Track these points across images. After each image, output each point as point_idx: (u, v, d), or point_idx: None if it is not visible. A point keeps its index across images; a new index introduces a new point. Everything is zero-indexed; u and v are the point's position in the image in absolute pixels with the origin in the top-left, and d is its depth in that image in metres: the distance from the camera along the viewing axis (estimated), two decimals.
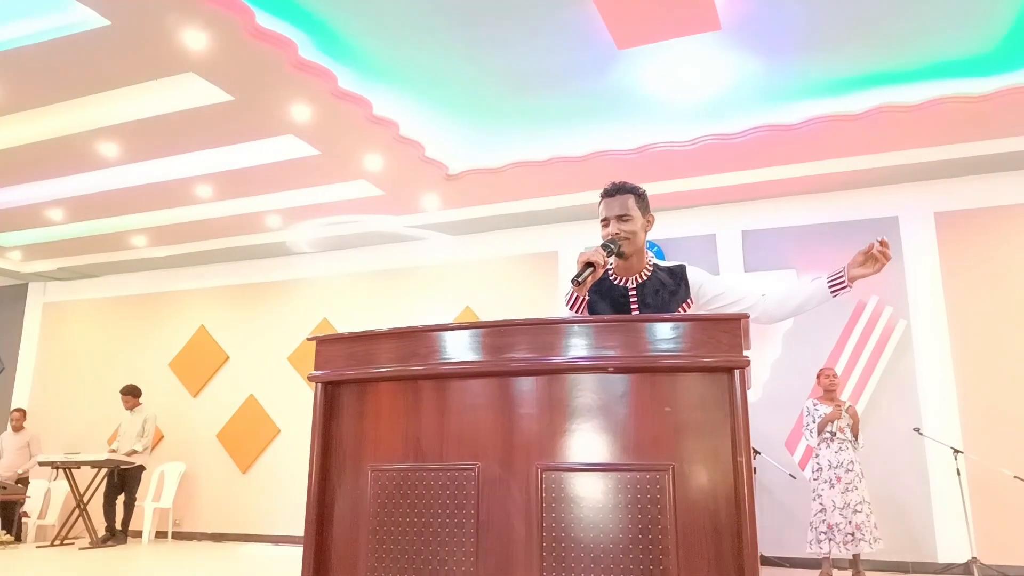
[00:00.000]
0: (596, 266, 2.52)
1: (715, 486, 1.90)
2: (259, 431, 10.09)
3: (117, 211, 9.12)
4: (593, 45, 5.80)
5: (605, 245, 2.68)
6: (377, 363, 2.20)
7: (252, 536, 9.77)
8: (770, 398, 7.89)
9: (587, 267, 2.50)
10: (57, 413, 11.21)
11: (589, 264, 2.51)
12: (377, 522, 2.11)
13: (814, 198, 8.18)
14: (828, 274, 2.77)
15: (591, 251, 2.56)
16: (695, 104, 6.70)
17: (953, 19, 5.50)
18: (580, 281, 2.48)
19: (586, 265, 2.51)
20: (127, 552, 8.56)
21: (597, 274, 2.53)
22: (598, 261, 2.52)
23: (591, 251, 2.56)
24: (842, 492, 6.58)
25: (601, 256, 2.55)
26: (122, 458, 9.28)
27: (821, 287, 2.76)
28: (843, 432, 6.76)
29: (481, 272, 9.53)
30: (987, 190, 7.65)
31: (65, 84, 6.21)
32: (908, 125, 6.82)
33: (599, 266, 2.53)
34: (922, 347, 7.59)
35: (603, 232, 2.80)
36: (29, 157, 7.52)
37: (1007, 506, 7.01)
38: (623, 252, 2.76)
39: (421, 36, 5.73)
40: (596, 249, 2.60)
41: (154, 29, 5.40)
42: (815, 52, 5.95)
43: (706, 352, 1.96)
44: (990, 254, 7.55)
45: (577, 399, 2.04)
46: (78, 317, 11.63)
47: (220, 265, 10.87)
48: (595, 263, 2.51)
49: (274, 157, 7.58)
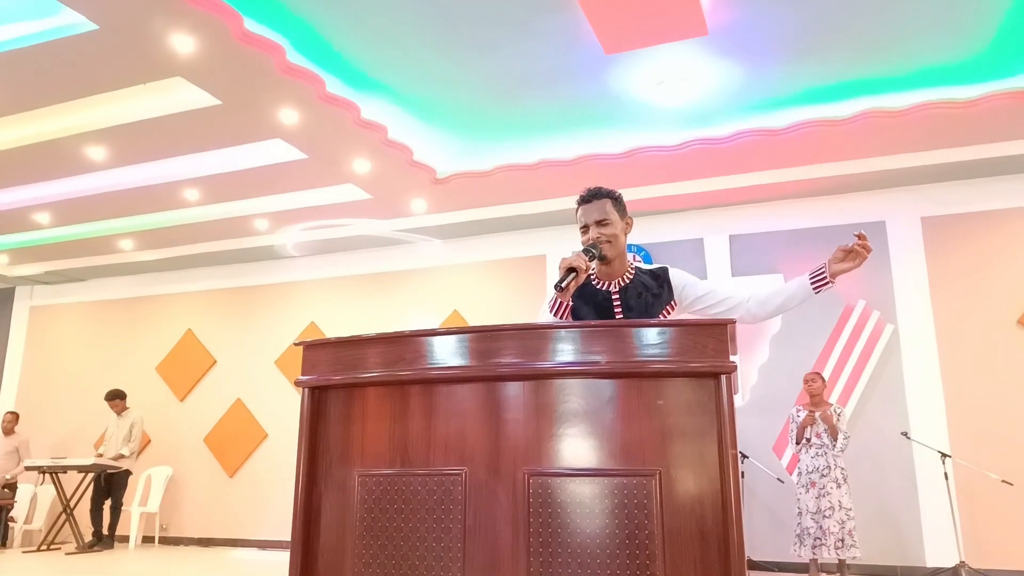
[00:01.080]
0: (579, 271, 2.52)
1: (702, 491, 1.91)
2: (246, 435, 10.05)
3: (104, 215, 9.08)
4: (581, 50, 5.81)
5: (587, 250, 2.68)
6: (364, 368, 2.20)
7: (239, 541, 9.73)
8: (758, 402, 7.92)
9: (569, 272, 2.51)
10: (44, 417, 11.13)
11: (572, 269, 2.51)
12: (364, 527, 2.11)
13: (801, 202, 8.22)
14: (810, 271, 2.77)
15: (573, 256, 2.56)
16: (682, 109, 6.72)
17: (939, 25, 5.54)
18: (563, 287, 2.48)
19: (568, 271, 2.51)
20: (114, 557, 8.51)
21: (580, 279, 2.54)
22: (580, 266, 2.53)
23: (573, 256, 2.56)
24: (816, 497, 6.63)
25: (583, 261, 2.56)
26: (109, 462, 9.23)
27: (803, 284, 2.76)
28: (820, 437, 6.80)
29: (469, 276, 9.53)
30: (973, 195, 7.70)
31: (53, 88, 6.18)
32: (894, 130, 6.86)
33: (581, 271, 2.53)
34: (909, 351, 7.63)
35: (583, 238, 2.81)
36: (16, 161, 7.47)
37: (995, 510, 7.05)
38: (605, 256, 2.76)
39: (409, 41, 5.73)
40: (578, 254, 2.60)
41: (142, 33, 5.38)
42: (802, 57, 5.98)
43: (693, 357, 1.96)
44: (977, 258, 7.60)
45: (564, 404, 2.04)
46: (65, 321, 11.56)
47: (207, 269, 10.83)
48: (577, 268, 2.52)
49: (262, 161, 7.56)
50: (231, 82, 6.06)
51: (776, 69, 6.15)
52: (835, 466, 6.68)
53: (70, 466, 9.13)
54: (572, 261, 2.53)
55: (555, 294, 2.56)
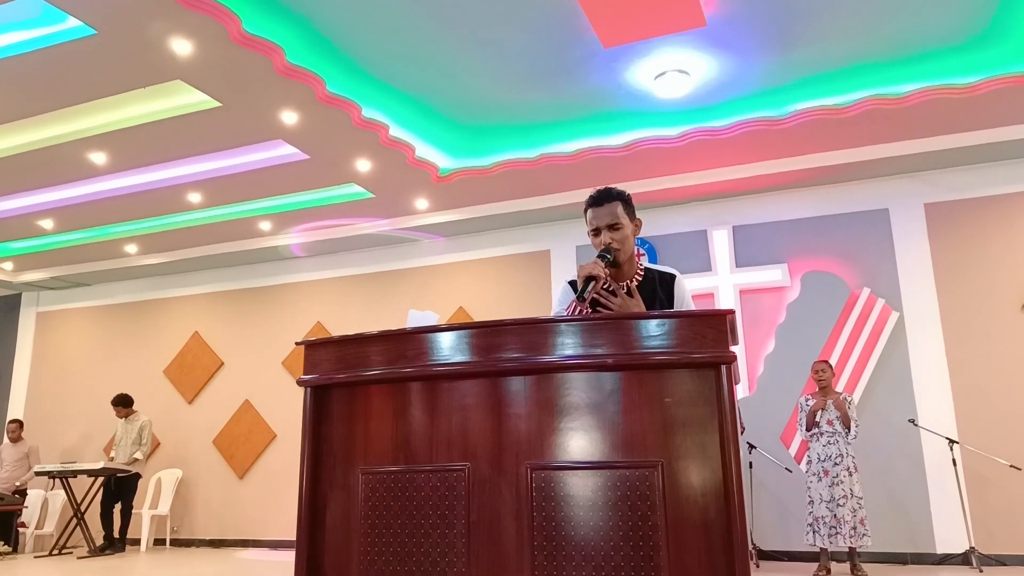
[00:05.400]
0: (598, 279, 2.57)
1: (704, 481, 1.92)
2: (255, 436, 10.08)
3: (108, 219, 9.12)
4: (579, 44, 5.81)
5: (602, 255, 2.71)
6: (366, 366, 2.21)
7: (250, 541, 9.77)
8: (765, 392, 7.92)
9: (589, 281, 2.55)
10: (52, 422, 11.18)
11: (591, 278, 2.55)
12: (369, 524, 2.12)
13: (804, 192, 8.21)
14: None
15: (590, 264, 2.60)
16: (682, 100, 6.71)
17: (937, 7, 5.52)
18: (585, 297, 2.53)
19: (588, 279, 2.55)
20: (125, 560, 8.55)
21: (599, 286, 2.59)
22: (599, 274, 2.57)
23: (590, 264, 2.60)
24: (829, 486, 6.61)
25: (601, 268, 2.60)
26: (119, 466, 9.26)
27: None
28: (831, 425, 6.77)
29: (474, 273, 9.54)
30: (976, 180, 7.68)
31: (54, 94, 6.21)
32: (895, 117, 6.84)
33: (600, 279, 2.58)
34: (915, 338, 7.61)
35: (593, 241, 2.82)
36: (19, 167, 7.51)
37: (1004, 495, 7.03)
38: (618, 262, 2.79)
39: (407, 39, 5.73)
40: (595, 262, 2.64)
41: (141, 38, 5.40)
42: (800, 46, 5.96)
43: (693, 348, 1.97)
44: (980, 244, 7.57)
45: (566, 398, 2.05)
46: (72, 326, 11.61)
47: (212, 271, 10.86)
48: (596, 276, 2.56)
49: (264, 162, 7.58)
50: (231, 84, 6.07)
51: (775, 58, 6.13)
52: (847, 454, 6.66)
53: (80, 471, 9.16)
54: (591, 269, 2.57)
55: (574, 303, 2.59)
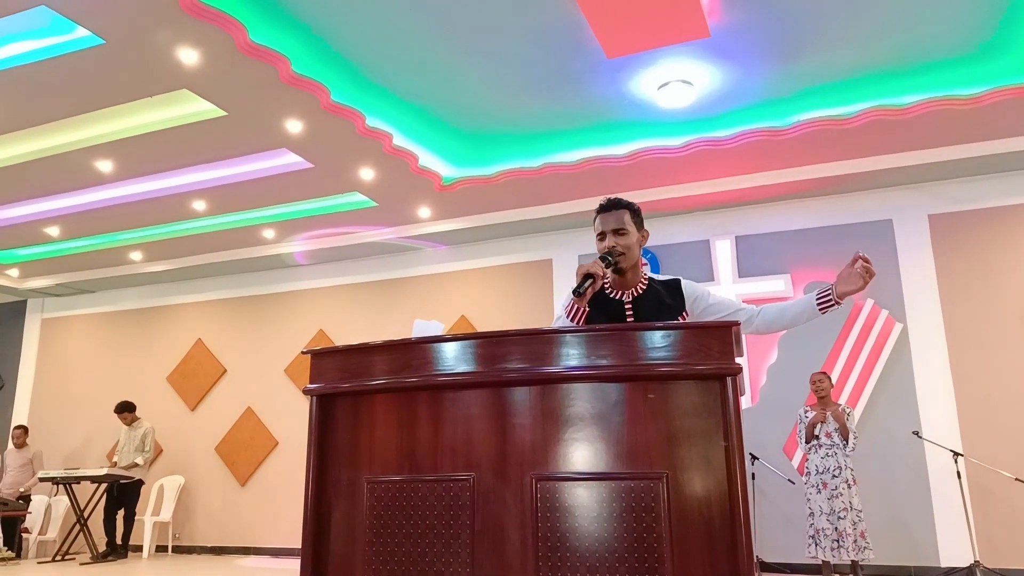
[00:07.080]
0: (596, 277, 2.58)
1: (709, 493, 1.91)
2: (257, 444, 10.08)
3: (114, 227, 9.14)
4: (583, 54, 5.82)
5: (603, 257, 2.73)
6: (371, 375, 2.22)
7: (252, 549, 9.76)
8: (767, 403, 7.90)
9: (587, 278, 2.56)
10: (56, 428, 11.20)
11: (589, 275, 2.56)
12: (373, 533, 2.12)
13: (807, 202, 8.21)
14: (817, 290, 2.82)
15: (590, 263, 2.61)
16: (686, 110, 6.72)
17: (940, 20, 5.53)
18: (581, 292, 2.53)
19: (586, 276, 2.56)
20: (128, 567, 8.54)
21: (597, 285, 2.59)
22: (597, 272, 2.58)
23: (590, 263, 2.61)
24: (828, 498, 6.58)
25: (600, 268, 2.61)
26: (122, 472, 9.27)
27: (810, 303, 2.83)
28: (830, 437, 6.75)
29: (476, 281, 9.55)
30: (980, 192, 7.68)
31: (61, 102, 6.23)
32: (899, 128, 6.85)
33: (598, 277, 2.59)
34: (919, 350, 7.59)
35: (599, 246, 2.85)
36: (26, 175, 7.54)
37: (1008, 509, 7.00)
38: (621, 268, 2.80)
39: (411, 48, 5.75)
40: (595, 261, 2.66)
41: (148, 47, 5.43)
42: (804, 57, 5.97)
43: (698, 360, 1.97)
44: (985, 255, 7.57)
45: (570, 408, 2.05)
46: (76, 332, 11.63)
47: (216, 279, 10.88)
48: (595, 274, 2.58)
49: (268, 171, 7.60)
50: (236, 93, 6.10)
51: (778, 69, 6.14)
52: (845, 466, 6.63)
53: (83, 477, 9.17)
54: (589, 267, 2.59)
55: (572, 299, 2.61)
